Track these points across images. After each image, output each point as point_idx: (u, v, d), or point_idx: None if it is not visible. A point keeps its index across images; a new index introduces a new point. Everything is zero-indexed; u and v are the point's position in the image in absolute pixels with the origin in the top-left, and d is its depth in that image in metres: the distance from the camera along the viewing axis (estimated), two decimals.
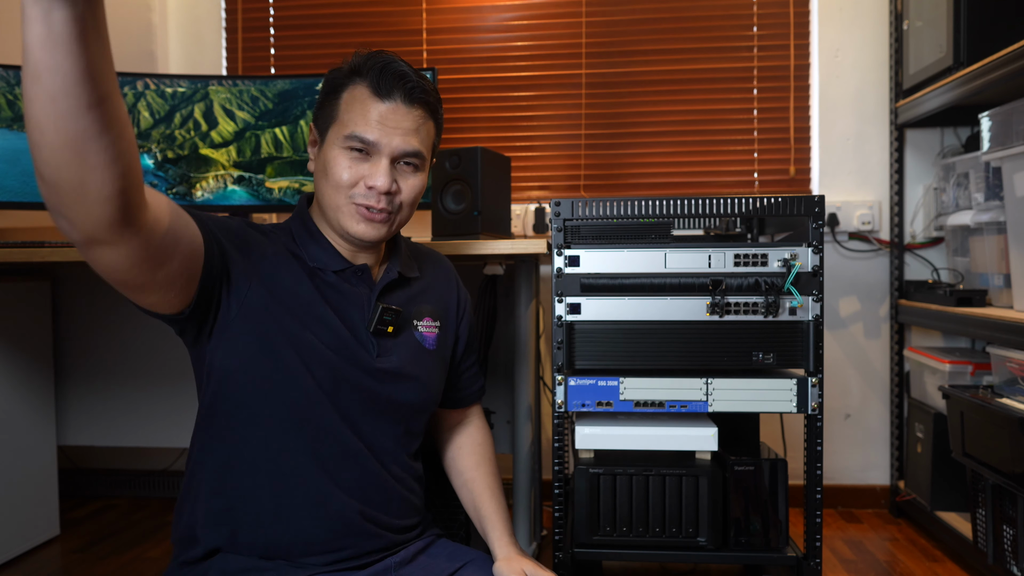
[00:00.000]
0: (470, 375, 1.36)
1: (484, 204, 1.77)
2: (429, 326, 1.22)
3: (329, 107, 1.13)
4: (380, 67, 1.10)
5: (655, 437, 1.62)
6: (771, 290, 1.57)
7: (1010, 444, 1.65)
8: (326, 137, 1.13)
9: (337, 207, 1.11)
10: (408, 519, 1.19)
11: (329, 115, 1.13)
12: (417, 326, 1.21)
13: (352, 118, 1.10)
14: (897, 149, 2.45)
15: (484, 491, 1.29)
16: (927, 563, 2.08)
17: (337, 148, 1.10)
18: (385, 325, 1.13)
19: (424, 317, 1.22)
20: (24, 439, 2.20)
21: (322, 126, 1.14)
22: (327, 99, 1.14)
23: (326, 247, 1.14)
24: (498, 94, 2.65)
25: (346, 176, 1.09)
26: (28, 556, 2.20)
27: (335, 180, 1.10)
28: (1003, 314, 1.82)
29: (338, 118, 1.11)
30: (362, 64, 1.12)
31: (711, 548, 1.59)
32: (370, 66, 1.11)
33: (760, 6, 2.57)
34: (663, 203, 1.62)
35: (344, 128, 1.10)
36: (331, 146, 1.11)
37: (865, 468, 2.56)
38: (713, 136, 2.60)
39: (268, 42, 2.74)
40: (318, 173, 1.14)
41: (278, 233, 1.15)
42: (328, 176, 1.10)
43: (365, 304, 1.14)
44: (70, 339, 2.45)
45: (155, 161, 2.15)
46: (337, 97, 1.12)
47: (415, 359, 1.19)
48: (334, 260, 1.13)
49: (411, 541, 1.19)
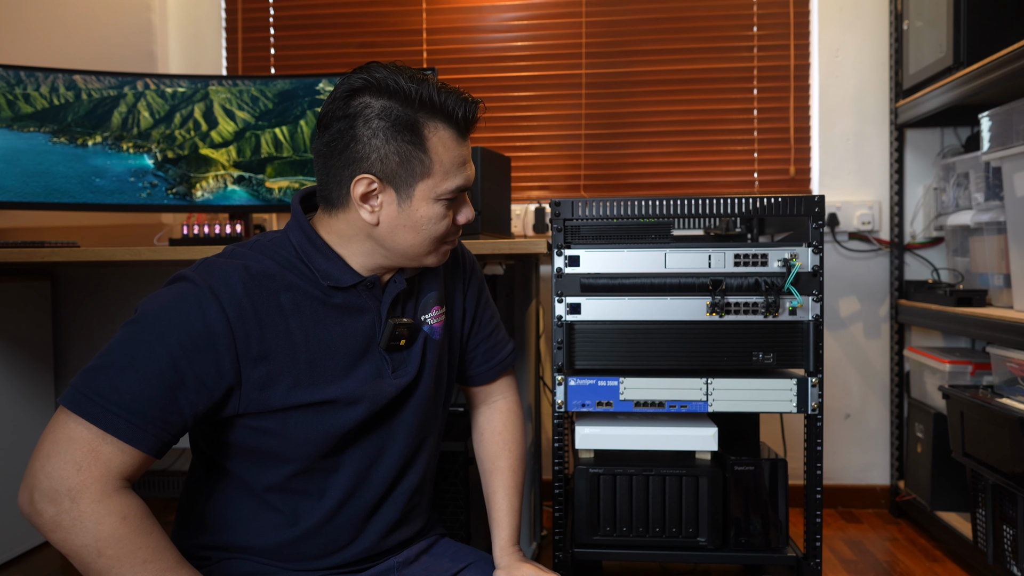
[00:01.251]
0: (484, 350, 1.26)
1: (484, 204, 1.77)
2: (436, 315, 1.16)
3: (410, 156, 0.99)
4: (460, 102, 1.01)
5: (655, 437, 1.62)
6: (771, 290, 1.57)
7: (1010, 444, 1.65)
8: (412, 192, 1.01)
9: (427, 252, 1.06)
10: (418, 523, 1.19)
11: (412, 166, 1.00)
12: (426, 320, 1.14)
13: (450, 170, 1.02)
14: (897, 149, 2.45)
15: (497, 489, 1.25)
16: (927, 563, 2.08)
17: (434, 203, 1.02)
18: (397, 340, 1.09)
19: (432, 308, 1.15)
20: (24, 439, 2.20)
21: (400, 177, 1.00)
22: (402, 144, 0.99)
23: (336, 262, 1.05)
24: (498, 94, 2.65)
25: (445, 226, 1.05)
26: (28, 556, 2.20)
27: (434, 234, 1.04)
28: (1003, 314, 1.82)
29: (432, 172, 1.01)
30: (433, 95, 1.00)
31: (711, 548, 1.59)
32: (447, 99, 1.00)
33: (760, 6, 2.57)
34: (663, 203, 1.62)
35: (444, 182, 1.02)
36: (424, 201, 1.02)
37: (865, 468, 2.56)
38: (713, 136, 2.60)
39: (268, 42, 2.74)
40: (398, 227, 1.02)
41: (280, 257, 1.04)
42: (423, 231, 1.03)
43: (376, 320, 1.08)
44: (70, 339, 2.45)
45: (155, 161, 2.15)
46: (420, 145, 0.99)
47: (426, 357, 1.14)
48: (345, 275, 1.05)
49: (415, 541, 1.19)
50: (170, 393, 0.93)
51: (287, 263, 1.03)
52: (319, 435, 1.03)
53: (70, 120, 2.11)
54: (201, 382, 0.94)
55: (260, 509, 1.06)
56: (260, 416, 1.00)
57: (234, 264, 1.00)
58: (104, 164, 2.13)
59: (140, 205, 2.15)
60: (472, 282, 1.25)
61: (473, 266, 1.26)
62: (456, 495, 1.67)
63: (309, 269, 1.04)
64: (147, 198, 2.15)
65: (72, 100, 2.11)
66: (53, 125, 2.10)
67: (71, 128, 2.11)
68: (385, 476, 1.10)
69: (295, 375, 1.00)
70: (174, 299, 0.96)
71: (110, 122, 2.13)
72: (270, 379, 0.99)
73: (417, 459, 1.15)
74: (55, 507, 0.88)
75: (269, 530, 1.06)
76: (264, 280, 1.00)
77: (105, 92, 2.13)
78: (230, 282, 0.97)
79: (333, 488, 1.07)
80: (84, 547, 0.88)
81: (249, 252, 1.03)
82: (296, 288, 1.02)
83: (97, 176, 2.13)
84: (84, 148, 2.12)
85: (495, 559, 1.20)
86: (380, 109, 0.99)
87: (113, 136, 2.13)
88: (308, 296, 1.03)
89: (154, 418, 0.92)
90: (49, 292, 2.36)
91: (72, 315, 2.47)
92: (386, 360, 1.08)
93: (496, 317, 1.30)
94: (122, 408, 0.90)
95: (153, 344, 0.93)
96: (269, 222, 2.62)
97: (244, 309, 0.97)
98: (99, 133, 2.13)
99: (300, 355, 1.01)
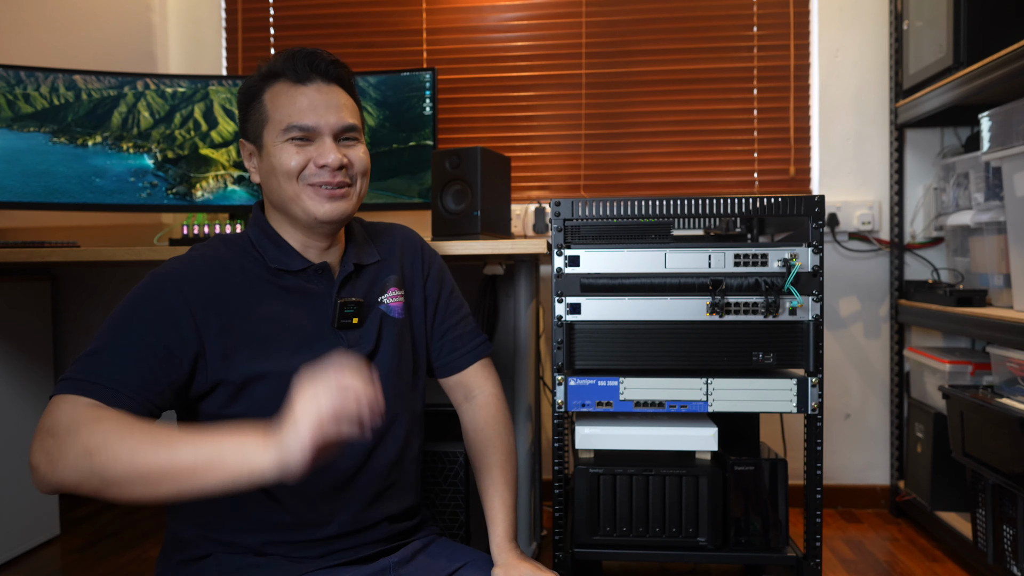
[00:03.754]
0: (451, 338, 1.30)
1: (484, 204, 1.77)
2: (394, 295, 1.22)
3: (255, 114, 1.15)
4: (289, 57, 1.13)
5: (655, 437, 1.62)
6: (771, 290, 1.57)
7: (1010, 444, 1.65)
8: (263, 142, 1.14)
9: (295, 195, 1.12)
10: (407, 500, 1.20)
11: (258, 121, 1.14)
12: (382, 300, 1.21)
13: (283, 113, 1.11)
14: (897, 149, 2.45)
15: (489, 486, 1.25)
16: (927, 563, 2.08)
17: (279, 145, 1.12)
18: (348, 319, 1.14)
19: (389, 288, 1.22)
20: (24, 439, 2.20)
21: (254, 135, 1.15)
22: (250, 109, 1.16)
23: (286, 248, 1.15)
24: (498, 94, 2.65)
25: (295, 162, 1.11)
26: (28, 556, 2.20)
27: (285, 170, 1.11)
28: (1003, 314, 1.82)
29: (269, 119, 1.13)
30: (271, 64, 1.14)
31: (711, 548, 1.59)
32: (280, 60, 1.13)
33: (760, 6, 2.57)
34: (663, 203, 1.62)
35: (279, 124, 1.11)
36: (272, 146, 1.12)
37: (865, 468, 2.56)
38: (713, 136, 2.60)
39: (268, 42, 2.74)
40: (266, 176, 1.15)
41: (236, 247, 1.15)
42: (277, 171, 1.12)
43: (329, 304, 1.15)
44: (70, 339, 2.45)
45: (155, 161, 2.15)
46: (259, 102, 1.14)
47: (383, 333, 1.19)
48: (294, 260, 1.14)
49: (411, 540, 1.19)
50: (144, 364, 1.00)
51: (241, 250, 1.14)
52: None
53: (70, 120, 2.11)
54: (169, 351, 1.02)
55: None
56: (228, 388, 1.06)
57: (191, 255, 1.13)
58: (104, 164, 2.13)
59: (140, 205, 2.15)
60: (432, 272, 1.31)
61: (433, 258, 1.33)
62: (455, 495, 1.67)
63: (261, 256, 1.14)
64: (147, 198, 2.15)
65: (72, 100, 2.11)
66: (53, 125, 2.10)
67: (71, 128, 2.11)
68: (356, 448, 1.11)
69: (252, 347, 1.08)
70: (139, 290, 1.07)
71: (110, 122, 2.13)
72: (230, 349, 1.06)
73: (389, 433, 1.17)
74: (53, 439, 0.92)
75: (249, 506, 1.07)
76: (217, 263, 1.11)
77: (105, 92, 2.13)
78: (185, 268, 1.09)
79: None
80: (75, 457, 0.90)
81: (206, 246, 1.15)
82: (248, 270, 1.12)
83: (97, 176, 2.13)
84: (84, 148, 2.12)
85: (492, 556, 1.20)
86: (241, 91, 1.18)
87: (113, 136, 2.13)
88: (259, 277, 1.12)
89: (136, 386, 0.99)
90: (49, 292, 2.37)
91: (72, 315, 2.47)
92: (340, 338, 1.14)
93: (464, 309, 1.35)
94: (109, 380, 0.97)
95: (124, 326, 1.03)
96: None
97: (200, 288, 1.07)
98: (99, 133, 2.13)
99: (256, 329, 1.08)
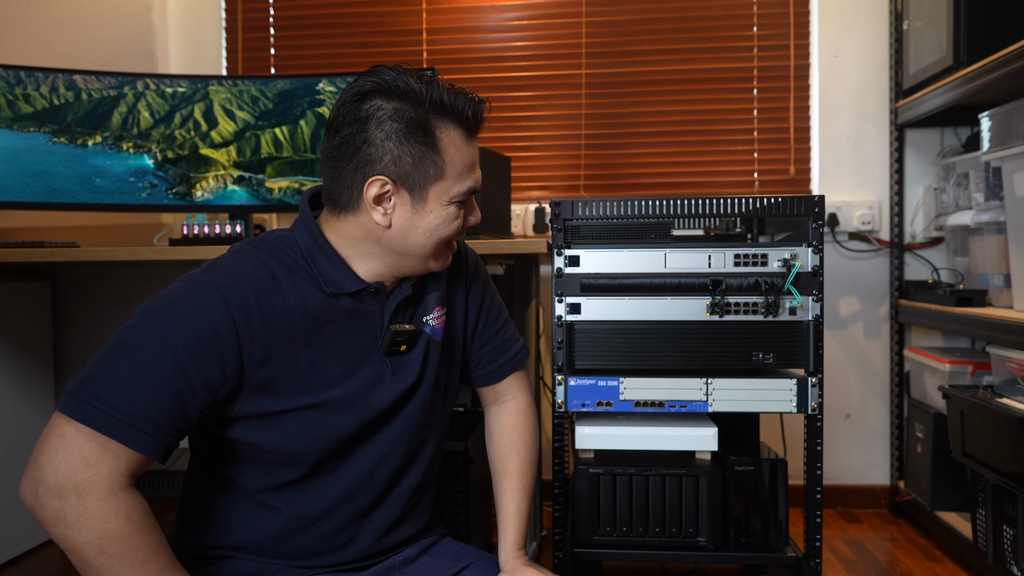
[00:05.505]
0: (490, 349, 1.24)
1: (484, 204, 1.77)
2: (437, 316, 1.15)
3: (425, 161, 1.00)
4: (463, 100, 1.02)
5: (655, 437, 1.62)
6: (771, 290, 1.57)
7: (1010, 444, 1.65)
8: (427, 196, 1.01)
9: (432, 253, 1.06)
10: (419, 522, 1.19)
11: (427, 171, 1.00)
12: (427, 321, 1.13)
13: (462, 172, 1.02)
14: (897, 149, 2.45)
15: (504, 492, 1.24)
16: (927, 563, 2.08)
17: (446, 207, 1.02)
18: (397, 345, 1.09)
19: (433, 309, 1.14)
20: (24, 439, 2.20)
21: (415, 182, 1.00)
22: (415, 145, 0.99)
23: (339, 266, 1.04)
24: (498, 94, 2.65)
25: (456, 226, 1.05)
26: (28, 556, 2.20)
27: (446, 235, 1.04)
28: (1003, 314, 1.82)
29: (445, 175, 1.01)
30: (438, 94, 1.00)
31: (711, 548, 1.59)
32: (450, 96, 1.01)
33: (760, 6, 2.57)
34: (663, 203, 1.62)
35: (457, 185, 1.02)
36: (438, 206, 1.02)
37: (865, 468, 2.56)
38: (713, 136, 2.60)
39: (268, 42, 2.74)
40: (407, 228, 1.02)
41: (285, 255, 1.04)
42: (433, 232, 1.03)
43: (378, 324, 1.08)
44: (70, 339, 2.45)
45: (155, 161, 2.15)
46: (434, 150, 1.00)
47: (428, 360, 1.14)
48: (349, 281, 1.04)
49: (415, 539, 1.19)
50: (178, 399, 0.92)
51: (294, 265, 1.03)
52: (318, 438, 1.03)
53: (70, 120, 2.11)
54: (207, 386, 0.94)
55: (258, 508, 1.06)
56: (259, 418, 1.00)
57: (241, 263, 0.99)
58: (104, 164, 2.13)
59: (140, 205, 2.15)
60: (475, 281, 1.23)
61: (476, 265, 1.25)
62: (456, 495, 1.67)
63: (313, 269, 1.03)
64: (147, 198, 2.15)
65: (72, 100, 2.11)
66: (53, 125, 2.10)
67: (71, 128, 2.11)
68: (384, 477, 1.10)
69: (294, 378, 1.00)
70: (178, 298, 0.95)
71: (110, 122, 2.13)
72: (270, 381, 0.99)
73: (417, 460, 1.15)
74: (60, 501, 0.87)
75: (267, 529, 1.06)
76: (271, 282, 0.99)
77: (105, 92, 2.13)
78: (239, 283, 0.96)
79: (331, 489, 1.07)
80: (87, 543, 0.88)
81: (256, 251, 1.02)
82: (300, 291, 1.01)
83: (97, 176, 2.13)
84: (84, 148, 2.12)
85: (500, 562, 1.19)
86: (392, 111, 0.98)
87: (113, 136, 2.13)
88: (314, 300, 1.02)
89: (163, 425, 0.91)
90: (49, 292, 2.37)
91: (72, 315, 2.47)
92: (386, 364, 1.08)
93: (504, 315, 1.29)
94: (133, 418, 0.89)
95: (159, 349, 0.91)
96: (269, 222, 2.62)
97: (250, 311, 0.96)
98: (99, 133, 2.13)
99: (301, 358, 1.01)
